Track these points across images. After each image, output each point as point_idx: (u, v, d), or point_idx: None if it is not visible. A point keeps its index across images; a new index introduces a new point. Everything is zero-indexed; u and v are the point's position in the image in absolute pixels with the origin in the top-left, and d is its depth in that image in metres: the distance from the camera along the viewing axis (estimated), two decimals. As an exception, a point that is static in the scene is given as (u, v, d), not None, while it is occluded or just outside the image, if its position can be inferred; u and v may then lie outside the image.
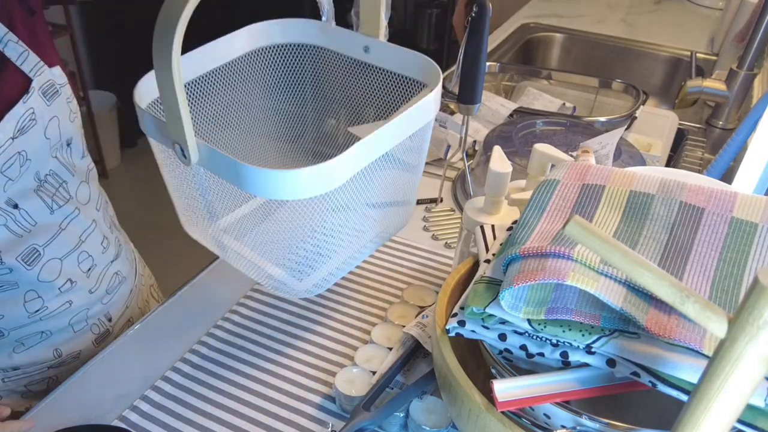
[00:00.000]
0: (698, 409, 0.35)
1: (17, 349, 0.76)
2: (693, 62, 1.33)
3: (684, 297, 0.36)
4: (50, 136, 0.70)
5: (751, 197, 0.54)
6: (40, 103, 0.68)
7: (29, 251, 0.70)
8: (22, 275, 0.70)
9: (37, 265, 0.71)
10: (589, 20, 1.82)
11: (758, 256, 0.50)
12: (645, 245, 0.52)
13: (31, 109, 0.66)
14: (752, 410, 0.42)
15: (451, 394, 0.52)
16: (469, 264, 0.63)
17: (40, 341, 0.77)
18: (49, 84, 0.69)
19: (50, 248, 0.73)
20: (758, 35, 1.19)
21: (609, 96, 1.31)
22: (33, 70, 0.67)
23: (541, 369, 0.51)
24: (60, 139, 0.72)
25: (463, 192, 1.02)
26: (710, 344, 0.43)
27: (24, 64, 0.66)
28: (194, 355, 0.71)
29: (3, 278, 0.69)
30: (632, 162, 0.94)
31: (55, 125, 0.71)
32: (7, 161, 0.65)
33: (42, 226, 0.71)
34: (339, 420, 0.64)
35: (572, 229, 0.38)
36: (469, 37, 0.83)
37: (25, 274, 0.71)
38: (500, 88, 1.39)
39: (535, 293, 0.49)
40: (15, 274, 0.70)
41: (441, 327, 0.55)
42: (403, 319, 0.74)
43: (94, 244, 0.79)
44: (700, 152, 1.22)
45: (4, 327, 0.73)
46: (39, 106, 0.67)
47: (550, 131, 1.06)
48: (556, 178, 0.58)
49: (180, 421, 0.64)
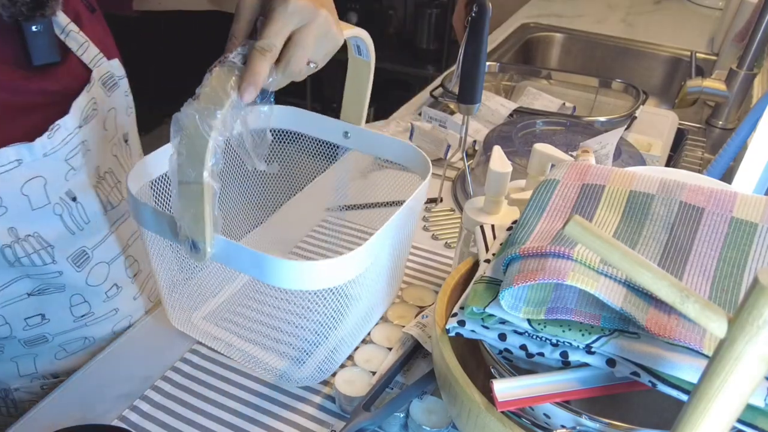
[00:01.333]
0: (698, 409, 0.35)
1: (59, 354, 0.74)
2: (693, 62, 1.33)
3: (684, 297, 0.36)
4: (108, 128, 0.70)
5: (751, 197, 0.54)
6: (100, 93, 0.68)
7: (79, 253, 0.70)
8: (71, 278, 0.69)
9: (85, 268, 0.71)
10: (589, 20, 1.82)
11: (758, 256, 0.50)
12: (645, 245, 0.52)
13: (93, 99, 0.67)
14: (752, 410, 0.42)
15: (451, 394, 0.52)
16: (469, 264, 0.63)
17: (82, 348, 0.75)
18: (108, 75, 0.69)
19: (99, 251, 0.72)
20: (758, 35, 1.19)
21: (609, 96, 1.31)
22: (93, 61, 0.67)
23: (541, 369, 0.51)
24: (116, 132, 0.72)
25: (463, 192, 1.02)
26: (710, 344, 0.43)
27: (84, 54, 0.66)
28: (194, 355, 0.71)
29: (51, 281, 0.69)
30: (632, 162, 0.94)
31: (113, 117, 0.71)
32: (72, 150, 0.65)
33: (93, 226, 0.70)
34: (339, 420, 0.64)
35: (572, 229, 0.38)
36: (469, 37, 0.83)
37: (74, 277, 0.70)
38: (500, 87, 1.39)
39: (535, 293, 0.49)
40: (64, 277, 0.69)
41: (441, 327, 0.55)
42: (402, 319, 0.74)
43: (139, 249, 0.79)
44: (700, 152, 1.22)
45: (49, 332, 0.71)
46: (100, 96, 0.68)
47: (550, 131, 1.06)
48: (555, 178, 0.58)
49: (180, 421, 0.64)
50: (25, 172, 0.62)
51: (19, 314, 0.69)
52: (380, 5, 2.86)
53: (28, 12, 0.58)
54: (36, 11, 0.59)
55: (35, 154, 0.62)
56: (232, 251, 0.55)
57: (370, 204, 0.94)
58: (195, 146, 0.50)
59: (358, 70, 0.70)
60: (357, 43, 0.68)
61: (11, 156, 0.61)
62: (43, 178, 0.64)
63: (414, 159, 0.71)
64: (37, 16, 0.59)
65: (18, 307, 0.68)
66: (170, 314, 0.73)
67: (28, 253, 0.65)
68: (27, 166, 0.62)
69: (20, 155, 0.61)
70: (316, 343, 0.64)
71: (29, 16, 0.58)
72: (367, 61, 0.69)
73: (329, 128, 0.75)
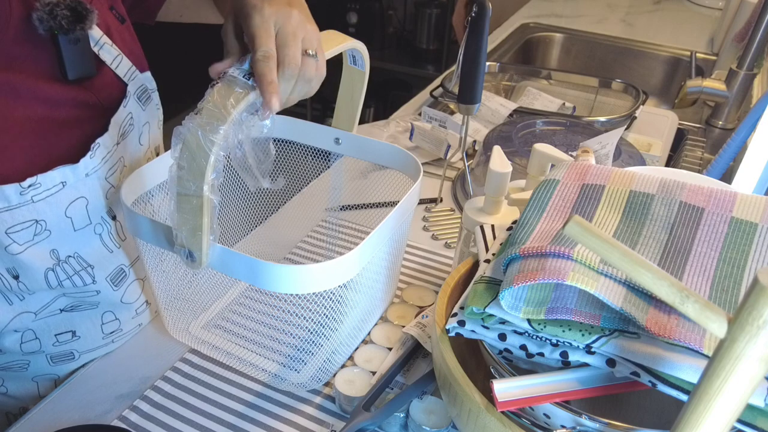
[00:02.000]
0: (698, 409, 0.35)
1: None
2: (693, 62, 1.33)
3: (684, 297, 0.36)
4: (143, 143, 0.70)
5: (750, 197, 0.54)
6: (136, 107, 0.67)
7: (117, 271, 0.69)
8: (107, 296, 0.69)
9: (122, 287, 0.70)
10: (588, 20, 1.82)
11: (758, 256, 0.50)
12: (645, 245, 0.52)
13: (129, 114, 0.66)
14: (752, 410, 0.42)
15: (451, 394, 0.52)
16: (469, 264, 0.63)
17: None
18: (142, 89, 0.68)
19: (134, 269, 0.72)
20: (758, 35, 1.19)
21: (609, 96, 1.31)
22: (127, 75, 0.66)
23: (541, 369, 0.51)
24: (150, 146, 0.72)
25: (463, 192, 1.02)
26: (710, 344, 0.43)
27: (119, 68, 0.65)
28: (194, 355, 0.71)
29: (87, 299, 0.68)
30: (632, 162, 0.94)
31: (147, 131, 0.70)
32: (111, 167, 0.65)
33: (129, 243, 0.70)
34: (339, 420, 0.64)
35: (572, 229, 0.38)
36: (469, 37, 0.83)
37: (110, 296, 0.69)
38: (500, 87, 1.39)
39: (535, 293, 0.49)
40: (101, 296, 0.68)
41: (441, 327, 0.55)
42: (402, 319, 0.74)
43: None
44: (700, 152, 1.22)
45: (77, 348, 0.70)
46: (136, 111, 0.67)
47: (549, 131, 1.06)
48: (555, 178, 0.58)
49: (180, 421, 0.64)
50: (70, 193, 0.61)
51: (50, 330, 0.68)
52: (380, 5, 2.85)
53: (68, 25, 0.57)
54: (76, 24, 0.57)
55: (78, 175, 0.61)
56: (227, 258, 0.56)
57: (371, 204, 0.94)
58: (196, 160, 0.51)
59: (352, 79, 0.71)
60: (353, 53, 0.69)
61: (56, 179, 0.60)
62: (85, 199, 0.63)
63: (405, 162, 0.71)
64: (77, 29, 0.58)
65: (50, 322, 0.67)
66: (168, 325, 0.73)
67: (69, 275, 0.65)
68: (71, 187, 0.61)
69: (65, 177, 0.60)
70: (317, 345, 0.64)
71: (68, 30, 0.57)
72: (361, 71, 0.69)
73: (321, 135, 0.76)
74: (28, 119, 0.58)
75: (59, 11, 0.56)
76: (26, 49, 0.57)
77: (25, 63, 0.57)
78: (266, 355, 0.69)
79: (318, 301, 0.58)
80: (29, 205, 0.59)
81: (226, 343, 0.71)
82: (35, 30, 0.56)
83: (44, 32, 0.56)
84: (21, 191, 0.58)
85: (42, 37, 0.57)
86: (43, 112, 0.59)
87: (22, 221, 0.59)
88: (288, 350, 0.65)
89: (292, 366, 0.66)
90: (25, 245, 0.61)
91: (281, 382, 0.67)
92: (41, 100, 0.59)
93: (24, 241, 0.60)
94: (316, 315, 0.59)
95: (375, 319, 0.74)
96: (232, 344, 0.71)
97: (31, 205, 0.59)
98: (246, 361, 0.69)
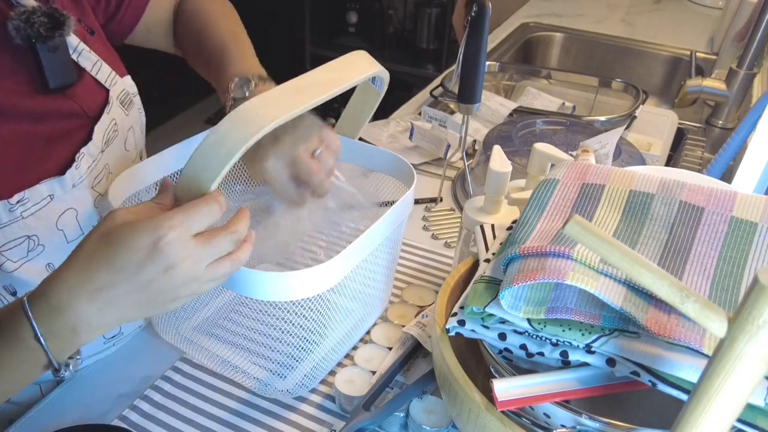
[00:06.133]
0: (698, 408, 0.35)
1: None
2: (693, 62, 1.33)
3: (684, 296, 0.36)
4: (129, 148, 0.69)
5: (750, 197, 0.54)
6: (120, 113, 0.67)
7: None
8: None
9: None
10: (588, 20, 1.82)
11: (758, 256, 0.50)
12: (645, 245, 0.52)
13: (113, 120, 0.66)
14: (752, 410, 0.42)
15: (451, 393, 0.52)
16: (469, 263, 0.63)
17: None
18: (124, 93, 0.68)
19: None
20: (758, 34, 1.19)
21: (609, 95, 1.31)
22: (108, 80, 0.66)
23: (541, 368, 0.51)
24: (135, 150, 0.71)
25: (463, 191, 1.02)
26: (710, 344, 0.43)
27: (99, 73, 0.65)
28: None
29: None
30: (632, 161, 0.94)
31: (132, 136, 0.70)
32: (97, 176, 0.65)
33: None
34: (339, 420, 0.64)
35: (572, 229, 0.38)
36: (469, 37, 0.83)
37: None
38: (500, 87, 1.39)
39: (535, 293, 0.49)
40: None
41: (441, 326, 0.55)
42: (402, 318, 0.74)
43: None
44: (700, 152, 1.22)
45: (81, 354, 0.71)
46: (119, 117, 0.67)
47: (549, 131, 1.06)
48: (555, 178, 0.58)
49: (180, 420, 0.64)
50: (58, 205, 0.61)
51: None
52: (380, 5, 2.86)
53: (47, 32, 0.56)
54: (54, 31, 0.56)
55: (65, 187, 0.61)
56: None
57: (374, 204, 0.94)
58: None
59: (367, 95, 0.70)
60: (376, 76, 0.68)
61: (44, 192, 0.59)
62: (74, 210, 0.63)
63: (399, 168, 0.71)
64: (56, 36, 0.57)
65: None
66: (157, 325, 0.72)
67: None
68: (59, 199, 0.61)
69: (52, 190, 0.60)
70: (307, 351, 0.63)
71: (47, 37, 0.56)
72: (378, 93, 0.69)
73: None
74: (13, 136, 0.58)
75: (36, 18, 0.55)
76: (4, 61, 0.56)
77: (4, 77, 0.57)
78: (254, 360, 0.68)
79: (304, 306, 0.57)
80: (19, 222, 0.59)
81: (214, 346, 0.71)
82: (12, 40, 0.55)
83: (21, 41, 0.55)
84: (10, 208, 0.57)
85: (19, 47, 0.56)
86: (28, 127, 0.59)
87: (14, 238, 0.59)
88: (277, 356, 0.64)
89: (279, 372, 0.65)
90: (19, 262, 0.60)
91: (265, 389, 0.66)
92: (24, 116, 0.59)
93: (18, 258, 0.60)
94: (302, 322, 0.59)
95: (366, 327, 0.73)
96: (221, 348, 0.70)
97: (21, 221, 0.59)
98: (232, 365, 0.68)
